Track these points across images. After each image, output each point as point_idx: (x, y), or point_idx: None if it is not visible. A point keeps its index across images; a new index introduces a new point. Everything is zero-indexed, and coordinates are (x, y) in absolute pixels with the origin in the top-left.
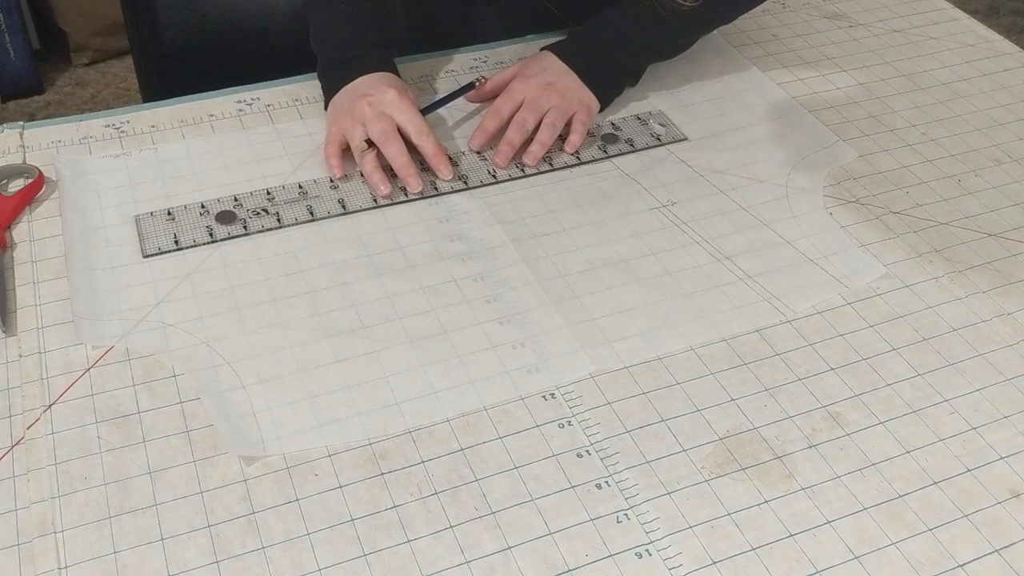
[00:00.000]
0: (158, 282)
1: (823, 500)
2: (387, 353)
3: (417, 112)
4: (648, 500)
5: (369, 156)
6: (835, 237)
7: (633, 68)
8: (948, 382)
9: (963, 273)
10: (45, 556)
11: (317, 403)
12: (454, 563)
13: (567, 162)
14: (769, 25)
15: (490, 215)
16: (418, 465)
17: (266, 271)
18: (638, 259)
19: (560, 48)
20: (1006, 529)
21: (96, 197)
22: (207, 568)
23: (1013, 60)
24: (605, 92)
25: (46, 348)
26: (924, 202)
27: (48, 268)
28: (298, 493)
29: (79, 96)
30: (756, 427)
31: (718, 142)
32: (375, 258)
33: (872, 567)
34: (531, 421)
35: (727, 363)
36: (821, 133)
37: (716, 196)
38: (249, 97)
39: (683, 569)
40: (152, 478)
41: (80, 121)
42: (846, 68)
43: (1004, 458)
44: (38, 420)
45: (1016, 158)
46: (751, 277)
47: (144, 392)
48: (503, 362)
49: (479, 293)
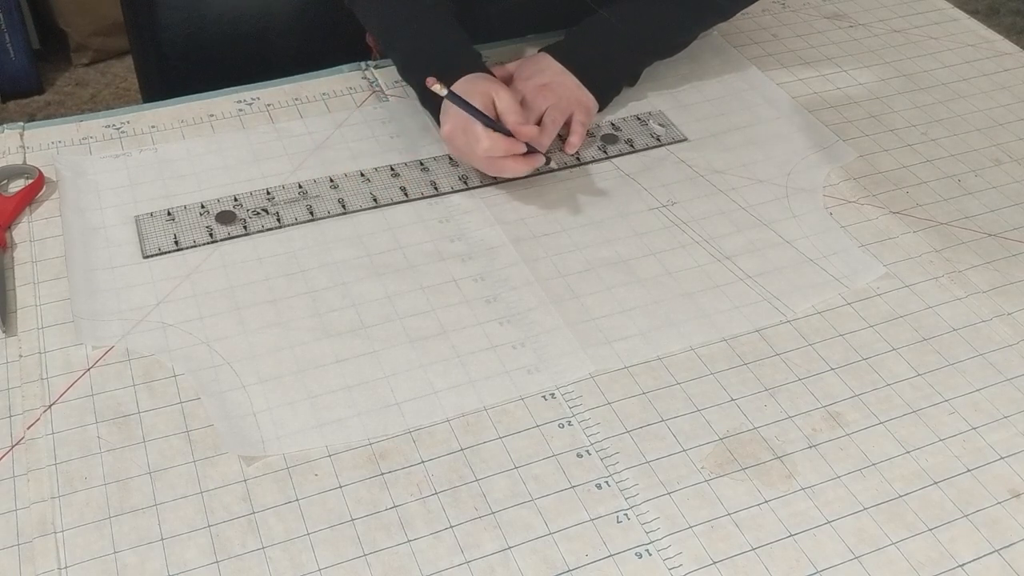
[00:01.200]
0: (158, 282)
1: (823, 500)
2: (387, 353)
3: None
4: (648, 500)
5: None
6: (835, 237)
7: (631, 68)
8: (948, 382)
9: (963, 273)
10: (45, 556)
11: (317, 403)
12: (454, 563)
13: (567, 163)
14: (769, 25)
15: (490, 215)
16: (418, 465)
17: (266, 271)
18: (638, 259)
19: (557, 49)
20: (1006, 529)
21: (96, 197)
22: (207, 568)
23: (1013, 60)
24: (603, 92)
25: (46, 348)
26: (924, 202)
27: (48, 268)
28: (298, 493)
29: (79, 96)
30: (756, 427)
31: (718, 142)
32: (375, 258)
33: (872, 567)
34: (531, 421)
35: (727, 363)
36: (821, 133)
37: (716, 196)
38: (249, 97)
39: (683, 569)
40: (152, 478)
41: (80, 121)
42: (846, 68)
43: (1004, 458)
44: (38, 420)
45: (1016, 158)
46: (751, 277)
47: (144, 392)
48: (503, 362)
49: (479, 293)
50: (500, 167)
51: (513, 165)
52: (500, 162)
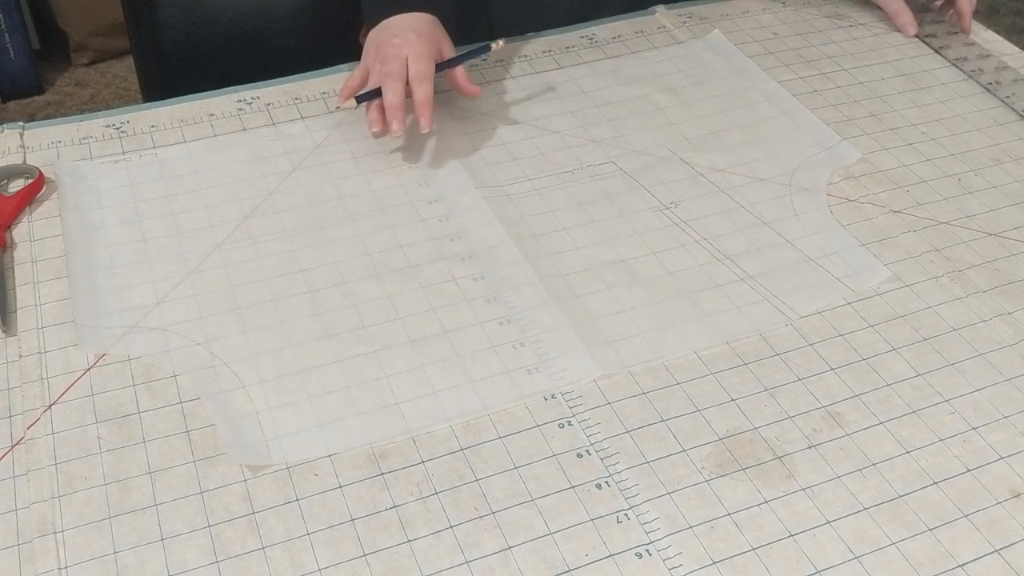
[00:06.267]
0: (158, 282)
1: (823, 500)
2: (387, 353)
3: (426, 59)
4: (648, 500)
5: (375, 100)
6: (837, 236)
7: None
8: (948, 382)
9: (963, 273)
10: (45, 556)
11: (317, 403)
12: (454, 563)
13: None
14: (770, 24)
15: (491, 213)
16: (418, 465)
17: (266, 271)
18: (639, 259)
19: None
20: (1006, 529)
21: (96, 197)
22: (207, 568)
23: (1012, 60)
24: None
25: (46, 348)
26: (924, 201)
27: (48, 268)
28: (298, 493)
29: (79, 96)
30: (756, 427)
31: (719, 140)
32: (375, 258)
33: (872, 567)
34: (531, 421)
35: (727, 363)
36: (823, 132)
37: (717, 195)
38: (249, 97)
39: (683, 569)
40: (152, 478)
41: (80, 121)
42: (847, 67)
43: (1004, 458)
44: (38, 420)
45: (1016, 158)
46: (752, 277)
47: (144, 392)
48: (503, 362)
49: (479, 292)
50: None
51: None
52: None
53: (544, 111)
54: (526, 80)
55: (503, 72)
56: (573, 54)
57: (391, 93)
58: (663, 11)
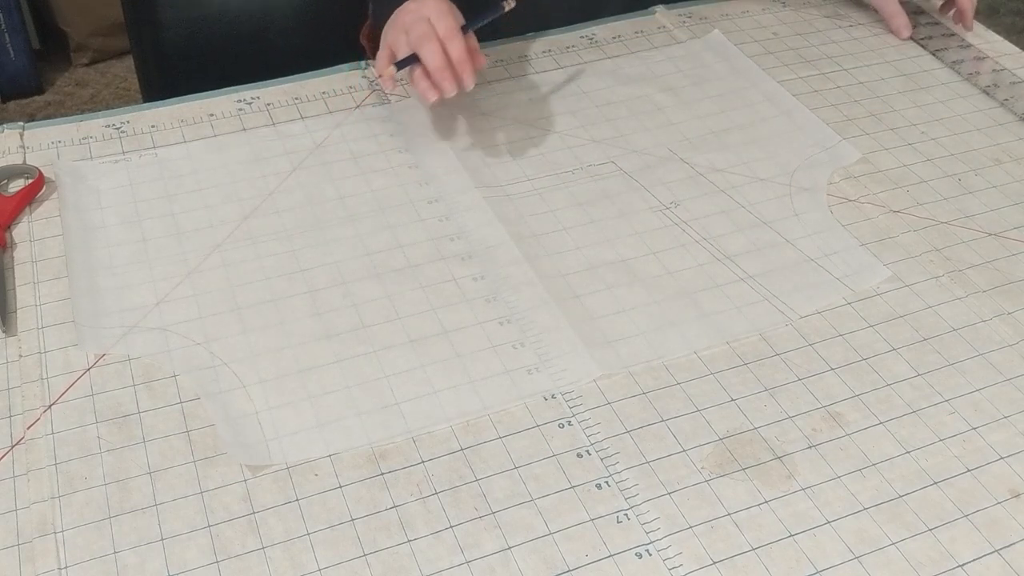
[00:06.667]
0: (158, 282)
1: (823, 500)
2: (387, 353)
3: (448, 15)
4: (648, 500)
5: (417, 69)
6: (837, 236)
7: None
8: (948, 382)
9: (963, 273)
10: (45, 556)
11: (317, 403)
12: (454, 563)
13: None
14: (769, 24)
15: (491, 213)
16: (418, 465)
17: (266, 271)
18: (639, 259)
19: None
20: (1006, 529)
21: (96, 197)
22: (207, 568)
23: (1013, 60)
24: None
25: (46, 348)
26: (924, 201)
27: (48, 268)
28: (298, 493)
29: (79, 96)
30: (756, 427)
31: (719, 140)
32: (375, 258)
33: (872, 567)
34: (531, 421)
35: (727, 363)
36: (823, 132)
37: (717, 195)
38: (249, 97)
39: (683, 569)
40: (152, 478)
41: (80, 121)
42: (846, 67)
43: (1004, 458)
44: (38, 420)
45: (1016, 158)
46: (752, 277)
47: (144, 392)
48: (503, 362)
49: (479, 292)
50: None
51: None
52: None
53: (544, 111)
54: (526, 80)
55: (503, 72)
56: (573, 54)
57: (432, 56)
58: (663, 11)
